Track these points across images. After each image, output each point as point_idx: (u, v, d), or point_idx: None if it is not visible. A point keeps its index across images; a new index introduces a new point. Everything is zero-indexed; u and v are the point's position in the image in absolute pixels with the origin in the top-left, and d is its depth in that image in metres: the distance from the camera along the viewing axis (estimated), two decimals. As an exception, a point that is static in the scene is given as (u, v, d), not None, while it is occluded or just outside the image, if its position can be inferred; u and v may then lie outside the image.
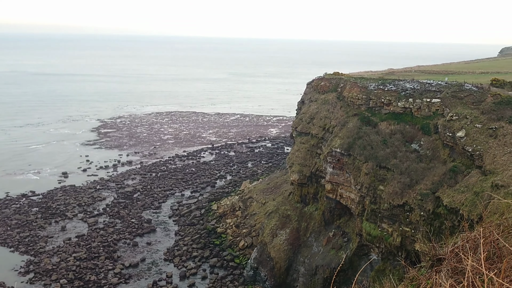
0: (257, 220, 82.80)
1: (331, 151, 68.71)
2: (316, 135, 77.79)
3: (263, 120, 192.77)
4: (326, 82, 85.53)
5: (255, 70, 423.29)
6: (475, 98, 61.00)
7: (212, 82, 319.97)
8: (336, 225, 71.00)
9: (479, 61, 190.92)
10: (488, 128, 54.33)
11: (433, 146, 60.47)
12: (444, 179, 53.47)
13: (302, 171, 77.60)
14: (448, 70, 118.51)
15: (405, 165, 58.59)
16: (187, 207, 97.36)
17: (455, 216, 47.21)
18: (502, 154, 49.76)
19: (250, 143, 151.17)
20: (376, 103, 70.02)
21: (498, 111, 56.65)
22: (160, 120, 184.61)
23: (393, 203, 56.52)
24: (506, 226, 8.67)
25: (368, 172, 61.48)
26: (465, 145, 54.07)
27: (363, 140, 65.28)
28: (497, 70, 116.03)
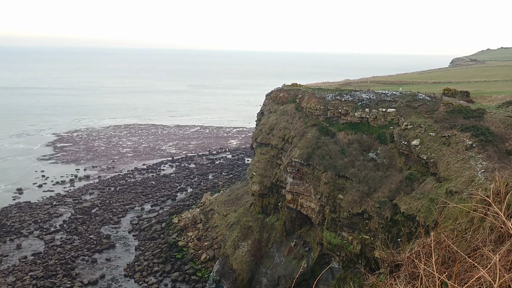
0: (218, 232, 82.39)
1: (291, 161, 69.32)
2: (276, 145, 78.35)
3: (223, 131, 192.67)
4: (284, 93, 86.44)
5: (215, 82, 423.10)
6: (428, 108, 63.01)
7: (171, 94, 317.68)
8: (298, 235, 71.48)
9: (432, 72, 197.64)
10: (441, 136, 56.13)
11: (390, 154, 61.97)
12: (401, 187, 54.81)
13: (262, 182, 77.86)
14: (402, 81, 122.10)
15: (363, 173, 59.73)
16: (147, 221, 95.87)
17: (412, 222, 48.39)
18: (455, 161, 51.47)
19: (210, 155, 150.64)
20: (334, 113, 71.26)
21: (450, 119, 58.68)
22: (119, 133, 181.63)
23: (352, 212, 57.44)
24: (460, 231, 9.00)
25: (327, 182, 62.32)
26: (420, 153, 55.65)
27: (322, 150, 66.21)
28: (449, 80, 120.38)
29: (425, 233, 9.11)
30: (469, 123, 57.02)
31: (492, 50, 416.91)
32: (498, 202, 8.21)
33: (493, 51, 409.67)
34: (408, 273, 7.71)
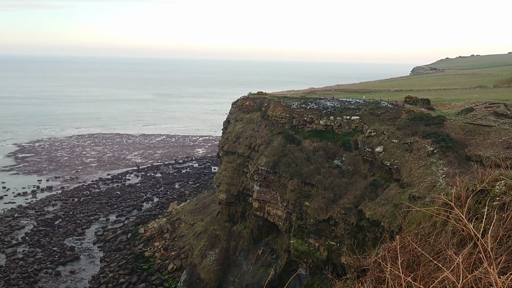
0: (185, 242, 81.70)
1: (257, 169, 69.57)
2: (242, 154, 78.50)
3: (189, 140, 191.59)
4: (250, 101, 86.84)
5: (180, 91, 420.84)
6: (391, 115, 64.46)
7: (136, 103, 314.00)
8: (265, 242, 71.63)
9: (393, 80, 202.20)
10: (404, 143, 57.47)
11: (354, 161, 63.00)
12: (366, 193, 55.75)
13: (229, 190, 77.80)
14: (365, 89, 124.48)
15: (328, 180, 60.48)
16: (112, 232, 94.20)
17: (377, 228, 49.25)
18: (417, 167, 52.75)
19: (177, 164, 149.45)
20: (299, 121, 72.00)
21: (412, 126, 60.19)
22: (82, 143, 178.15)
23: (318, 218, 58.02)
24: (423, 235, 9.27)
25: (293, 189, 62.80)
26: (384, 160, 56.78)
27: (288, 158, 66.74)
28: (410, 88, 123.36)
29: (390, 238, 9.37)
30: (430, 130, 58.60)
31: (450, 59, 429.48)
32: (460, 206, 8.52)
33: (451, 60, 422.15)
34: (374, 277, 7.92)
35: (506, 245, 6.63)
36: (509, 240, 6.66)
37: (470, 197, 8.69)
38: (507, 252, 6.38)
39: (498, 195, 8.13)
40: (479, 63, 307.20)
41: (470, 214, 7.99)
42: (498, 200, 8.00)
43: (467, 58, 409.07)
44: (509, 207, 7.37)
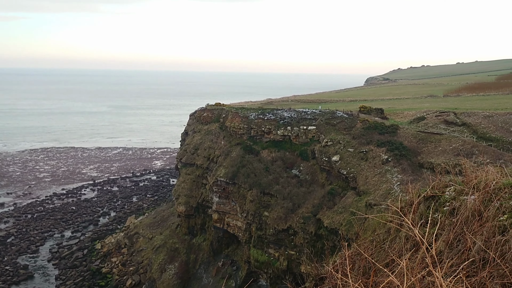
0: (144, 256, 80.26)
1: (216, 180, 69.35)
2: (201, 165, 78.11)
3: (147, 152, 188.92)
4: (208, 113, 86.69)
5: (137, 103, 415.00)
6: (346, 124, 65.73)
7: (91, 115, 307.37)
8: (225, 254, 71.29)
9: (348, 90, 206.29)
10: (360, 152, 58.67)
11: (312, 170, 63.78)
12: (324, 202, 56.48)
13: (188, 202, 77.15)
14: (321, 99, 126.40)
15: (287, 190, 60.93)
16: (68, 248, 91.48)
17: (335, 236, 49.93)
18: (373, 175, 53.92)
19: (134, 177, 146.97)
20: (257, 132, 72.38)
21: (367, 135, 61.56)
22: (35, 158, 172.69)
23: (278, 228, 58.29)
24: (378, 241, 9.47)
25: (253, 199, 62.91)
26: (340, 169, 57.75)
27: (247, 168, 66.88)
28: (364, 98, 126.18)
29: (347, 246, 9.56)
30: (384, 138, 60.09)
31: (402, 70, 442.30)
32: (412, 212, 8.77)
33: (403, 70, 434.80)
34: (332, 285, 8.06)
35: (456, 248, 6.87)
36: (459, 244, 6.91)
37: (422, 203, 8.95)
38: (457, 255, 6.62)
39: (448, 200, 8.41)
40: (429, 73, 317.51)
41: (422, 220, 8.24)
42: (448, 205, 8.26)
43: (418, 69, 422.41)
44: (458, 212, 7.64)
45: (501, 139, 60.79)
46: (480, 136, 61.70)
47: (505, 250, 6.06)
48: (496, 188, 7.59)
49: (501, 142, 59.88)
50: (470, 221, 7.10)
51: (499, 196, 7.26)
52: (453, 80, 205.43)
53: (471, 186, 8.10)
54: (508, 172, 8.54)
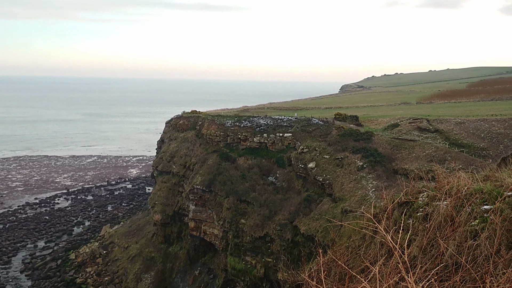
0: (119, 266, 79.15)
1: (192, 188, 69.00)
2: (177, 173, 77.63)
3: (122, 161, 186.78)
4: (184, 120, 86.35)
5: (112, 110, 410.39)
6: (322, 131, 66.25)
7: (65, 123, 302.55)
8: (202, 262, 70.83)
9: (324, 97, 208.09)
10: (335, 159, 59.16)
11: (288, 177, 64.00)
12: (300, 208, 56.69)
13: (164, 210, 76.51)
14: (297, 106, 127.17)
15: (263, 197, 60.99)
16: (41, 259, 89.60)
17: (311, 242, 50.12)
18: (348, 182, 54.40)
19: (109, 186, 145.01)
20: (234, 139, 72.36)
21: (342, 142, 62.14)
22: (7, 167, 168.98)
23: (255, 236, 58.23)
24: (354, 248, 9.56)
25: (229, 207, 62.76)
26: (316, 175, 58.11)
27: (223, 176, 66.74)
28: (339, 105, 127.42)
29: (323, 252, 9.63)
30: (359, 145, 60.74)
31: (376, 77, 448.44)
32: (387, 218, 8.89)
33: (377, 78, 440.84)
34: (308, 291, 8.10)
35: (429, 254, 6.98)
36: (432, 249, 7.02)
37: (396, 209, 9.08)
38: (430, 260, 6.74)
39: (422, 206, 8.53)
40: (402, 81, 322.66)
41: (396, 226, 8.35)
42: (421, 211, 8.38)
43: (392, 76, 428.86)
44: (431, 217, 7.77)
45: (472, 145, 62.10)
46: (452, 143, 62.90)
47: (477, 254, 6.20)
48: (467, 193, 7.76)
49: (473, 148, 61.17)
50: (443, 226, 7.24)
51: (471, 202, 7.43)
52: (425, 88, 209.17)
53: (443, 192, 8.26)
54: (479, 178, 8.73)
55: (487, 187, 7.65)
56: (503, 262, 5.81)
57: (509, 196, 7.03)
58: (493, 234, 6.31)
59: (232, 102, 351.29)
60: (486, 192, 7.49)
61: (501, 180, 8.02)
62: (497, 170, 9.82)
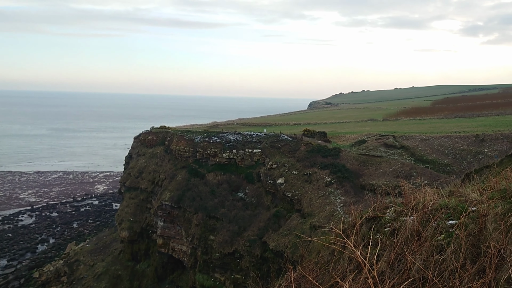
0: (85, 284, 77.16)
1: (161, 204, 68.19)
2: (145, 189, 76.65)
3: (88, 176, 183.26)
4: (153, 135, 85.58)
5: (79, 125, 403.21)
6: (291, 147, 66.68)
7: (30, 138, 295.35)
8: (170, 280, 69.76)
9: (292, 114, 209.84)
10: (304, 174, 59.54)
11: (257, 193, 63.99)
12: (269, 224, 56.65)
13: (132, 227, 75.26)
14: (266, 122, 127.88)
15: (233, 213, 60.74)
16: (3, 278, 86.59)
17: (281, 258, 50.03)
18: (317, 198, 54.76)
19: (75, 202, 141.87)
20: (203, 155, 72.07)
21: (310, 158, 62.66)
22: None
23: (223, 252, 57.80)
24: (323, 263, 9.58)
25: (198, 223, 62.22)
26: (285, 191, 58.30)
27: (192, 192, 66.25)
28: (308, 122, 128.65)
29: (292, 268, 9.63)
30: (327, 161, 61.35)
31: (344, 94, 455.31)
32: (355, 234, 8.97)
33: (345, 95, 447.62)
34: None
35: (397, 268, 7.07)
36: (400, 264, 7.11)
37: (364, 225, 9.17)
38: (398, 275, 6.82)
39: (389, 221, 8.63)
40: (369, 98, 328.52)
41: (365, 241, 8.43)
42: (389, 226, 8.47)
43: (359, 93, 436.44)
44: (398, 232, 7.86)
45: (437, 161, 63.55)
46: (418, 159, 64.23)
47: (443, 269, 6.31)
48: (433, 208, 7.91)
49: (437, 164, 62.59)
50: (410, 241, 7.34)
51: (436, 217, 7.56)
52: (391, 105, 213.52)
53: (410, 207, 8.39)
54: (444, 193, 8.92)
55: (452, 203, 7.81)
56: (468, 276, 5.94)
57: (473, 211, 7.20)
58: (458, 249, 6.43)
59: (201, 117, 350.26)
60: (451, 207, 7.65)
61: (465, 196, 8.21)
62: (461, 185, 10.06)
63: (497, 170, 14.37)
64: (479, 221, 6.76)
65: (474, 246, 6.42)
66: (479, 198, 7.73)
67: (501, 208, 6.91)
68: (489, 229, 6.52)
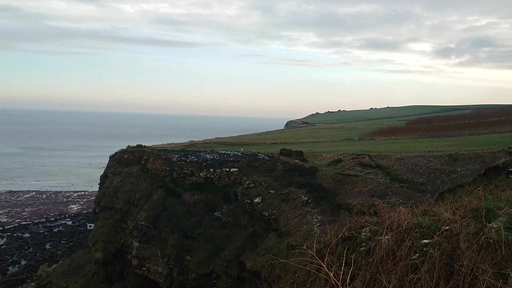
0: (57, 307, 75.27)
1: (136, 224, 67.25)
2: (120, 209, 75.56)
3: (62, 196, 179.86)
4: (129, 154, 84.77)
5: (53, 144, 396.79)
6: (267, 167, 66.79)
7: (2, 157, 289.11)
8: (145, 301, 68.44)
9: (269, 133, 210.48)
10: (281, 194, 59.61)
11: (234, 213, 63.70)
12: (246, 244, 56.32)
13: (106, 248, 73.89)
14: (243, 141, 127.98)
15: (209, 233, 60.23)
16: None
17: (257, 279, 49.65)
18: (294, 217, 54.78)
19: (48, 222, 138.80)
20: (180, 174, 71.60)
21: (287, 177, 62.83)
22: None
23: (200, 272, 57.14)
24: (299, 284, 9.56)
25: (174, 243, 61.48)
26: (262, 210, 58.20)
27: (169, 211, 65.57)
28: (285, 141, 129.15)
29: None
30: (304, 180, 61.59)
31: (320, 114, 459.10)
32: (330, 253, 8.98)
33: (321, 114, 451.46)
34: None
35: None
36: (375, 283, 7.13)
37: (340, 244, 9.19)
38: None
39: (364, 241, 8.67)
40: (345, 118, 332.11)
41: (340, 261, 8.45)
42: (364, 245, 8.51)
43: (335, 113, 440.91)
44: (374, 252, 7.90)
45: (412, 180, 64.41)
46: (393, 178, 65.00)
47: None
48: (407, 228, 7.98)
49: (412, 183, 63.42)
50: (385, 260, 7.38)
51: (411, 236, 7.63)
52: (367, 125, 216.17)
53: (385, 226, 8.46)
54: (418, 212, 9.03)
55: (426, 222, 7.90)
56: (442, 295, 6.00)
57: (446, 230, 7.29)
58: (432, 268, 6.50)
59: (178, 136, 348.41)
60: (425, 226, 7.73)
61: (439, 215, 8.32)
62: (435, 205, 10.20)
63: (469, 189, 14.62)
64: (452, 240, 6.86)
65: (448, 265, 6.49)
66: (452, 217, 7.83)
67: (473, 227, 7.02)
68: (462, 248, 6.61)
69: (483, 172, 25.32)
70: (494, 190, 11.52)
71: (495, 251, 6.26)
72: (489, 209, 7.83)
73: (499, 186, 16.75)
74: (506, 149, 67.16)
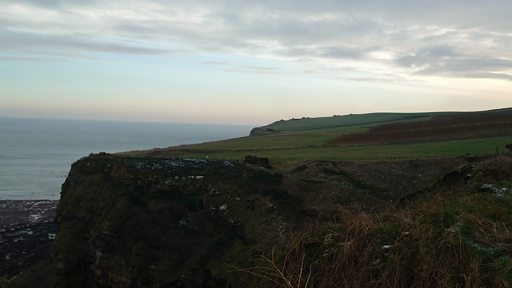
0: (16, 321, 72.89)
1: (100, 234, 65.95)
2: (83, 218, 73.96)
3: (23, 205, 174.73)
4: (92, 162, 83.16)
5: (12, 152, 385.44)
6: (233, 174, 66.73)
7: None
8: (108, 312, 67.06)
9: (235, 140, 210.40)
10: (246, 201, 59.61)
11: (200, 220, 63.29)
12: (212, 252, 56.00)
13: (68, 258, 72.11)
14: (208, 149, 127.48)
15: (175, 241, 59.61)
16: None
17: (223, 286, 49.43)
18: (259, 224, 54.84)
19: (7, 233, 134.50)
20: (144, 182, 70.70)
21: (253, 184, 62.90)
22: None
23: (165, 282, 56.43)
24: (266, 290, 9.55)
25: (139, 253, 60.56)
26: (228, 218, 58.03)
27: (133, 220, 64.57)
28: (250, 148, 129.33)
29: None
30: (269, 187, 61.79)
31: (285, 121, 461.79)
32: (294, 260, 9.00)
33: (286, 121, 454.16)
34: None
35: (337, 295, 7.14)
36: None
37: (304, 250, 9.23)
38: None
39: (327, 247, 8.72)
40: (309, 125, 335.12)
41: (304, 267, 8.47)
42: (327, 252, 8.56)
43: (300, 120, 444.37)
44: (336, 258, 7.96)
45: (374, 186, 65.49)
46: (356, 184, 65.94)
47: (379, 293, 6.45)
48: (369, 234, 8.08)
49: (375, 189, 64.49)
50: (347, 266, 7.45)
51: (372, 242, 7.73)
52: (331, 132, 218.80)
53: (347, 232, 8.54)
54: (379, 218, 9.17)
55: (386, 227, 8.01)
56: (402, 300, 6.09)
57: (406, 235, 7.41)
58: (393, 273, 6.58)
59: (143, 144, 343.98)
60: (386, 232, 7.84)
61: (399, 220, 8.46)
62: (395, 210, 10.39)
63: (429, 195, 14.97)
64: (412, 245, 6.98)
65: (408, 270, 6.60)
66: (411, 222, 7.98)
67: (432, 232, 7.17)
68: (421, 252, 6.73)
69: (442, 178, 25.99)
70: (452, 195, 11.81)
71: (453, 255, 6.41)
72: (447, 214, 8.03)
73: (457, 191, 17.22)
74: (465, 155, 69.21)
